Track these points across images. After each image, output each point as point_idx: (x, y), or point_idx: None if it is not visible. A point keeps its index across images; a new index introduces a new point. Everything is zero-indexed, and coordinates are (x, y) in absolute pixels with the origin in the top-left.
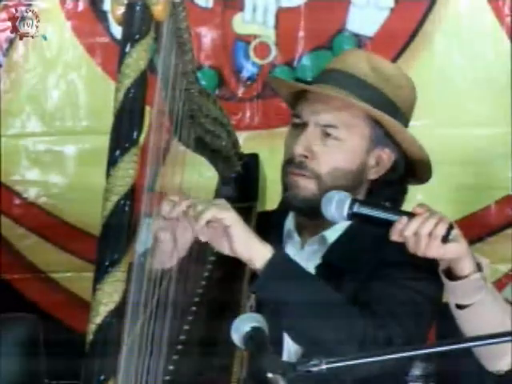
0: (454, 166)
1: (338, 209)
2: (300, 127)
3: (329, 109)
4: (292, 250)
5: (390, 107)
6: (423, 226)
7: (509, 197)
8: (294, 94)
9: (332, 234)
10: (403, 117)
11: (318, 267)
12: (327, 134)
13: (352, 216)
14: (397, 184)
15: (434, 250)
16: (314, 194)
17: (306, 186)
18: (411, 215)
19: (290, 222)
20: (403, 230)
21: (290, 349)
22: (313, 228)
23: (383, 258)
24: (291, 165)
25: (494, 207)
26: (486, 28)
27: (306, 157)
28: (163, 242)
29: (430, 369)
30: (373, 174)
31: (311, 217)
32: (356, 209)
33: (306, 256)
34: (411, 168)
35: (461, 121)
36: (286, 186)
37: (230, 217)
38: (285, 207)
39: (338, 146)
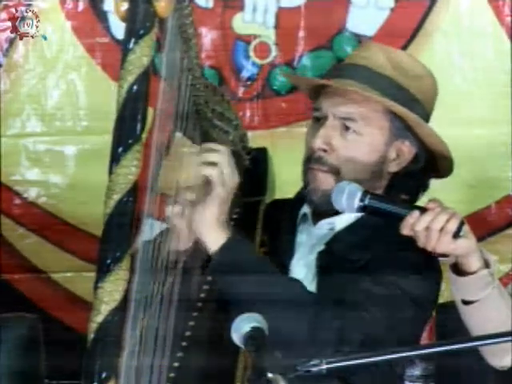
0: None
1: (348, 200)
2: (320, 121)
3: (347, 102)
4: (304, 234)
5: (409, 100)
6: (435, 220)
7: (509, 197)
8: (314, 88)
9: (341, 223)
10: (424, 109)
11: (320, 253)
12: (346, 128)
13: (363, 208)
14: (418, 177)
15: (444, 245)
16: (334, 187)
17: (326, 180)
18: (423, 210)
19: (306, 207)
20: (414, 225)
21: None
22: (326, 215)
23: (380, 253)
24: (311, 161)
25: (494, 207)
26: (486, 28)
27: (325, 151)
28: (179, 228)
29: (430, 369)
30: (393, 167)
31: (328, 211)
32: (367, 201)
33: (315, 241)
34: (432, 161)
35: (461, 121)
36: (307, 182)
37: (218, 192)
38: (303, 201)
39: (357, 139)
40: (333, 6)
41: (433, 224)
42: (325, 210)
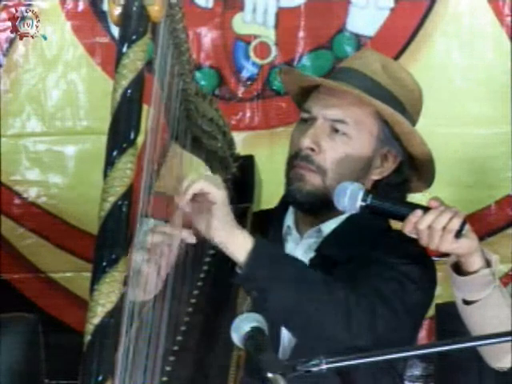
0: (453, 166)
1: (351, 200)
2: (308, 122)
3: (339, 104)
4: (291, 245)
5: (399, 108)
6: (438, 219)
7: (509, 197)
8: (304, 88)
9: (328, 227)
10: (411, 119)
11: (312, 259)
12: (335, 130)
13: (365, 208)
14: (398, 189)
15: (446, 244)
16: (318, 188)
17: (311, 180)
18: (425, 209)
19: (289, 219)
20: (417, 223)
21: (285, 345)
22: (310, 222)
23: (374, 250)
24: (297, 158)
25: (494, 207)
26: (486, 28)
27: (313, 150)
28: (147, 274)
29: (430, 369)
30: (376, 175)
31: (311, 212)
32: (369, 201)
33: (303, 250)
34: (415, 171)
35: (461, 121)
36: (291, 180)
37: (217, 194)
38: (286, 202)
39: (346, 142)
40: (333, 6)
41: (435, 223)
42: (308, 212)
